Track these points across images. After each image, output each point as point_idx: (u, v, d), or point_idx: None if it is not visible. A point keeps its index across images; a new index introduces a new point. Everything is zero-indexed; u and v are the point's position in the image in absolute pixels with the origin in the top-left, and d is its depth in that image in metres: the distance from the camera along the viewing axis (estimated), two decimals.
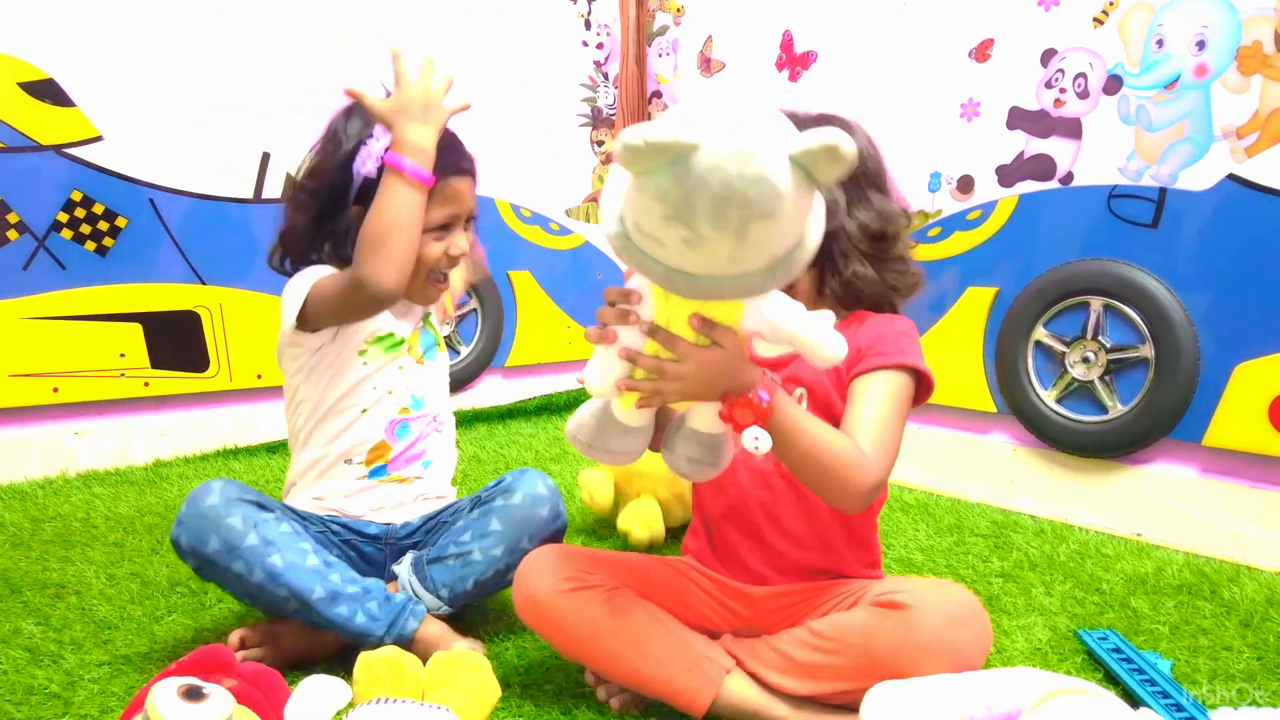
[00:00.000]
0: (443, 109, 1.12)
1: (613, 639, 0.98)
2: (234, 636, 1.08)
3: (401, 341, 1.22)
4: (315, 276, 1.14)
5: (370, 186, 1.14)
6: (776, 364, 1.03)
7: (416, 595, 1.13)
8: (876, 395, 0.97)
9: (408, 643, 1.06)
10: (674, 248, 0.74)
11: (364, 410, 1.20)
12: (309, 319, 1.14)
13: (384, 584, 1.11)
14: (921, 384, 1.00)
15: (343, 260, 1.16)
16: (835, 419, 1.00)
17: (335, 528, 1.20)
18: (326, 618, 1.04)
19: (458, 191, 1.17)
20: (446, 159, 1.14)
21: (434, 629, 1.10)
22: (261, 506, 1.08)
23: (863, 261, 1.01)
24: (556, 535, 1.17)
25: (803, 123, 1.01)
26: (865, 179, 1.04)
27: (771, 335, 0.84)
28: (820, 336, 0.82)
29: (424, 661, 0.91)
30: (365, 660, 0.90)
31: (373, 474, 1.21)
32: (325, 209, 1.17)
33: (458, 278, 1.26)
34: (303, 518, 1.17)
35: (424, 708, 0.85)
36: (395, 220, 1.07)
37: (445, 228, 1.17)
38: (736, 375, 0.85)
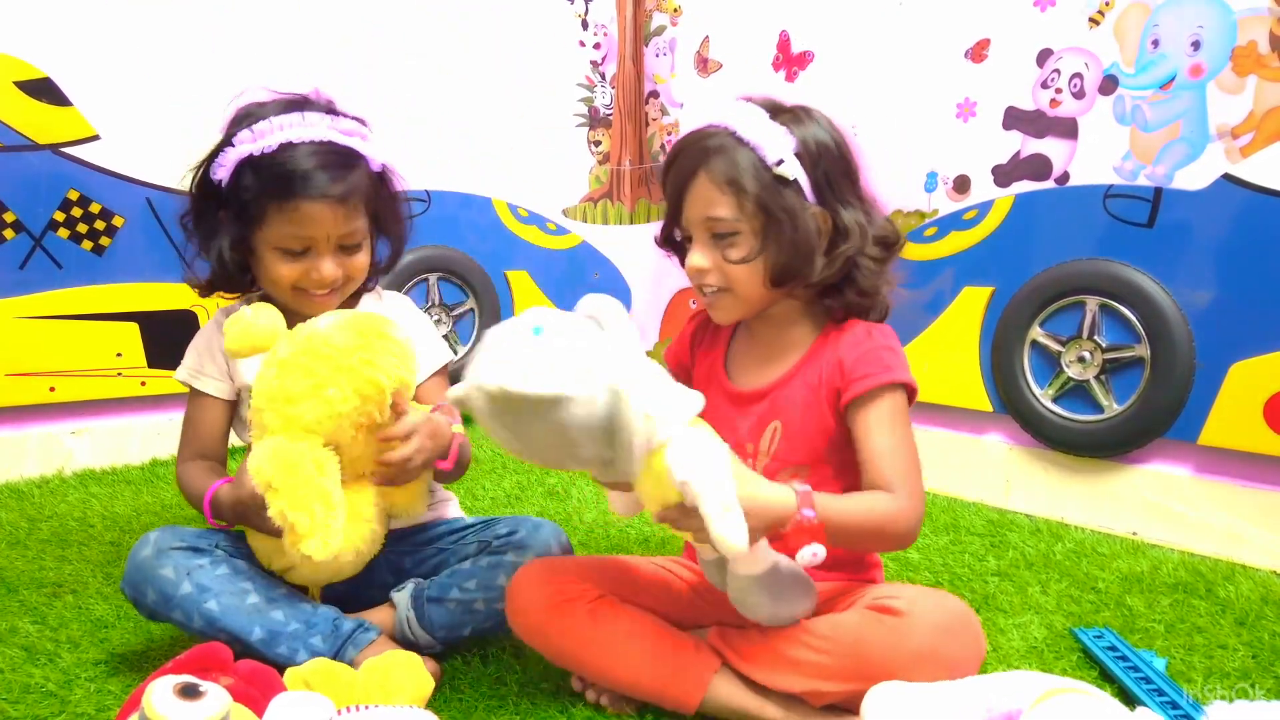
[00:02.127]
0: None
1: (599, 650, 0.98)
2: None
3: None
4: (193, 376, 1.21)
5: (228, 192, 1.12)
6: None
7: (412, 632, 1.11)
8: (883, 423, 0.97)
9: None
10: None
11: None
12: None
13: (335, 613, 1.07)
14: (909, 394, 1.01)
15: (228, 274, 1.17)
16: (812, 446, 1.01)
17: None
18: (268, 658, 1.02)
19: (306, 215, 1.09)
20: (302, 180, 1.08)
21: (386, 647, 1.06)
22: (196, 551, 1.06)
23: (873, 277, 1.01)
24: None
25: (767, 112, 0.99)
26: (856, 182, 1.02)
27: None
28: (725, 531, 0.81)
29: None
30: (293, 675, 0.91)
31: None
32: (203, 224, 1.17)
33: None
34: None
35: (397, 711, 0.86)
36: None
37: (300, 253, 1.12)
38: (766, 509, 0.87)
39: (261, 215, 1.10)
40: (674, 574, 1.10)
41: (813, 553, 0.86)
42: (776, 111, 1.00)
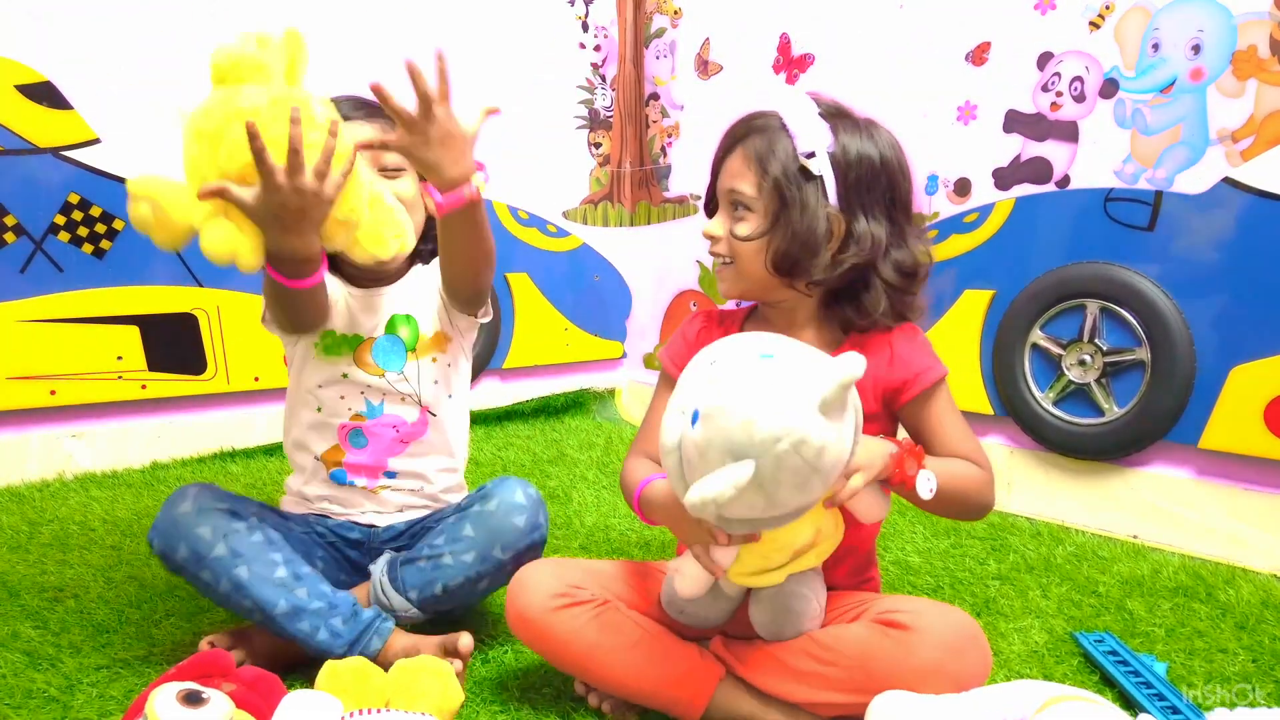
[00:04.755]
0: (323, 202, 0.97)
1: (602, 655, 0.98)
2: (204, 643, 1.08)
3: (342, 342, 1.19)
4: None
5: None
6: None
7: (386, 595, 1.12)
8: (950, 409, 1.03)
9: (373, 659, 1.05)
10: (773, 518, 0.85)
11: (319, 409, 1.20)
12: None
13: (353, 599, 1.09)
14: None
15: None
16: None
17: (320, 530, 1.20)
18: (289, 632, 1.03)
19: None
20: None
21: (403, 642, 1.08)
22: (235, 515, 1.06)
23: (888, 298, 1.01)
24: (534, 546, 1.13)
25: (822, 109, 1.01)
26: (898, 206, 1.02)
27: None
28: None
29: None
30: (331, 668, 0.91)
31: (333, 477, 1.20)
32: None
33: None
34: (288, 520, 1.17)
35: (408, 716, 0.86)
36: (279, 303, 1.10)
37: None
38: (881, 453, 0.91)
39: None
40: None
41: (929, 479, 0.91)
42: (836, 114, 1.02)
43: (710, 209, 1.09)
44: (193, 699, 0.78)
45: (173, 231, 0.99)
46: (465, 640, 1.06)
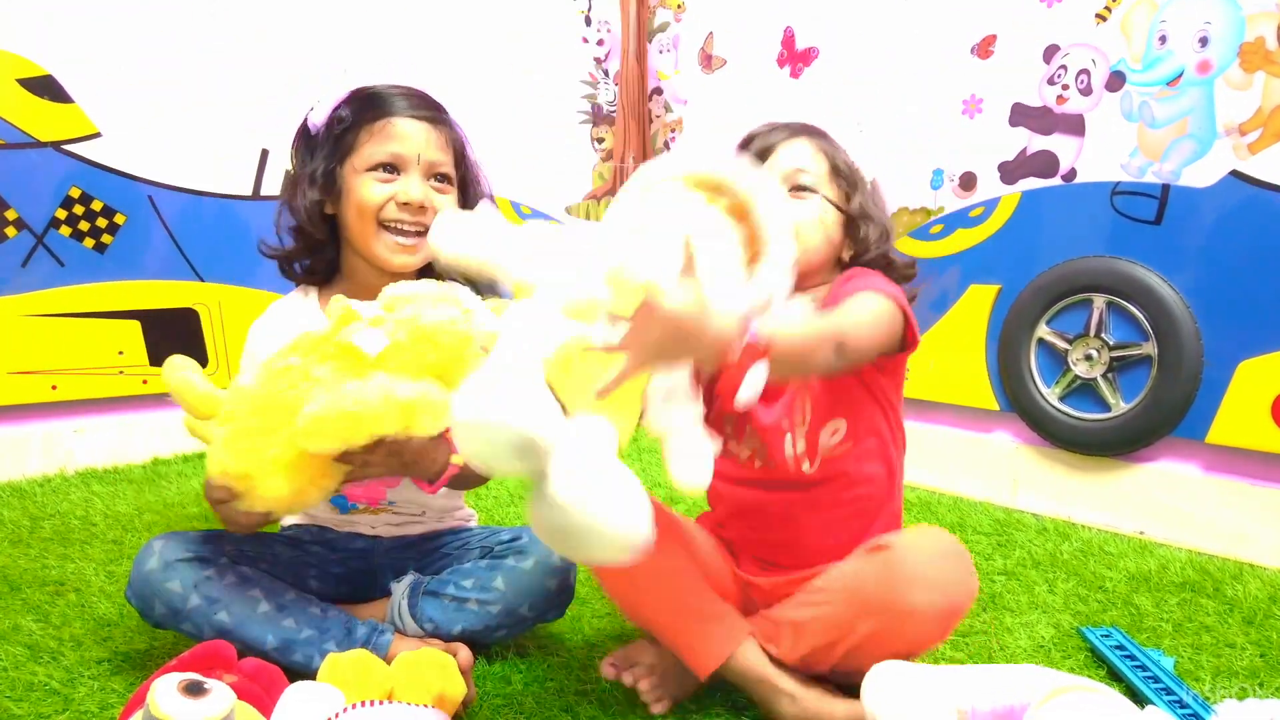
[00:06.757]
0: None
1: (643, 579, 0.99)
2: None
3: None
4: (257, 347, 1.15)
5: (323, 137, 1.12)
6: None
7: (401, 618, 1.10)
8: (857, 299, 0.95)
9: None
10: None
11: None
12: None
13: (345, 616, 1.07)
14: (907, 332, 0.99)
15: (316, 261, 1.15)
16: (838, 399, 1.03)
17: (316, 549, 1.17)
18: (284, 666, 1.01)
19: (398, 131, 1.11)
20: (395, 102, 1.12)
21: (404, 646, 1.06)
22: (204, 561, 1.03)
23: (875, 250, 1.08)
24: (560, 606, 1.13)
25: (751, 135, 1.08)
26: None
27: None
28: (679, 468, 0.88)
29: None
30: (332, 660, 0.91)
31: (335, 502, 1.18)
32: (296, 182, 1.16)
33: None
34: (274, 544, 1.14)
35: (409, 709, 0.86)
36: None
37: (390, 169, 1.12)
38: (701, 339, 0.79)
39: (353, 142, 1.12)
40: (716, 549, 1.12)
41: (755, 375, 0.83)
42: None
43: None
44: (194, 689, 0.77)
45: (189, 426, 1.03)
46: (464, 655, 1.04)
